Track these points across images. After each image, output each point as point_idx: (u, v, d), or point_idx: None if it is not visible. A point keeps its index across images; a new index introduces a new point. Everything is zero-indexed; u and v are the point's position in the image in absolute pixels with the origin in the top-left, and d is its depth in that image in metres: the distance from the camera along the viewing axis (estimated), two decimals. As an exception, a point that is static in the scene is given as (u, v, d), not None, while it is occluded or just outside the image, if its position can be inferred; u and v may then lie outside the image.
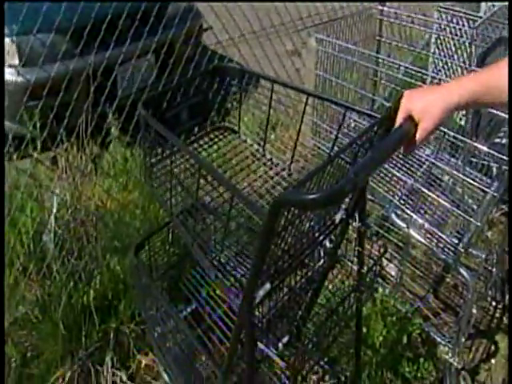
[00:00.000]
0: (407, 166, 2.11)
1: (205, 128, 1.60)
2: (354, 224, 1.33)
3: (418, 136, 1.08)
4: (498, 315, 2.22)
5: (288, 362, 1.19)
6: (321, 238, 1.25)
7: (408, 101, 1.10)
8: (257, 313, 1.13)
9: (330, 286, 1.59)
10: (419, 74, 2.25)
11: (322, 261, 1.40)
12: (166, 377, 1.72)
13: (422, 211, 2.01)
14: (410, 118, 1.08)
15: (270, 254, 1.03)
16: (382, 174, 2.10)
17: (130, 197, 2.25)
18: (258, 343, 1.16)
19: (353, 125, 2.32)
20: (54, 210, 2.08)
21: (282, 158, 1.60)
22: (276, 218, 0.94)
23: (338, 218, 1.29)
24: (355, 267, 1.38)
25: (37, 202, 2.14)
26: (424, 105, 1.06)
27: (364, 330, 1.80)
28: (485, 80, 1.06)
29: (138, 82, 2.91)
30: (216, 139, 1.59)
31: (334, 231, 1.32)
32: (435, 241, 1.93)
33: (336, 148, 1.46)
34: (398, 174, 2.07)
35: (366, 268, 1.37)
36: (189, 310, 1.67)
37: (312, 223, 1.19)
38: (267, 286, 1.10)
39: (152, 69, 3.23)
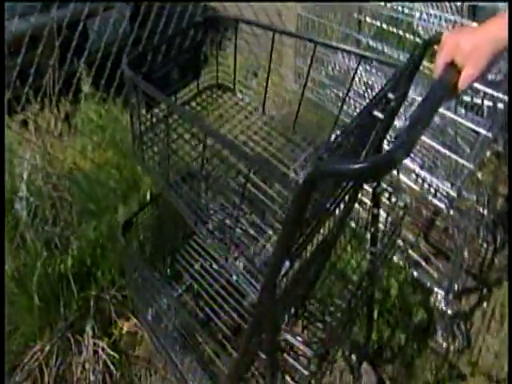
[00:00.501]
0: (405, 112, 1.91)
1: (197, 87, 1.38)
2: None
3: (460, 84, 0.90)
4: (489, 257, 2.09)
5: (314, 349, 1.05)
6: (335, 202, 1.07)
7: (451, 43, 0.91)
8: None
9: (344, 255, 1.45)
10: (407, 10, 2.02)
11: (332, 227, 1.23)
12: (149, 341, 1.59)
13: (413, 155, 1.85)
14: (452, 64, 0.91)
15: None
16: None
17: (104, 156, 2.04)
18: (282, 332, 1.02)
19: (342, 70, 2.11)
20: (25, 176, 1.88)
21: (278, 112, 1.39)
22: (311, 192, 0.77)
23: None
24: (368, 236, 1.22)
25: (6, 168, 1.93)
26: (471, 47, 0.89)
27: (355, 278, 1.66)
28: None
29: (109, 34, 2.64)
30: (210, 99, 1.40)
31: (348, 193, 1.14)
32: (426, 186, 1.77)
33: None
34: (395, 123, 1.88)
35: (380, 234, 1.21)
36: (184, 287, 1.55)
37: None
38: (286, 263, 0.94)
39: (123, 19, 2.94)
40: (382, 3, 2.04)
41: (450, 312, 1.78)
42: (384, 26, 2.06)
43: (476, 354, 1.73)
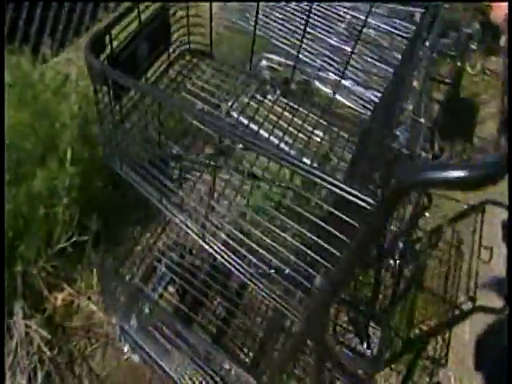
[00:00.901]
0: (326, 22, 1.60)
1: (168, 57, 1.02)
2: None
3: None
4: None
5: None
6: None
7: None
8: None
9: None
10: None
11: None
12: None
13: (346, 70, 1.56)
14: None
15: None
16: (297, 36, 1.59)
17: (16, 117, 1.66)
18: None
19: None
20: None
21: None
22: (394, 207, 0.56)
23: None
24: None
25: None
26: None
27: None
28: None
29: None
30: (185, 71, 1.05)
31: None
32: (361, 101, 1.51)
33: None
34: (319, 35, 1.57)
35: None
36: (163, 284, 1.31)
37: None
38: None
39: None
40: None
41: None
42: None
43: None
